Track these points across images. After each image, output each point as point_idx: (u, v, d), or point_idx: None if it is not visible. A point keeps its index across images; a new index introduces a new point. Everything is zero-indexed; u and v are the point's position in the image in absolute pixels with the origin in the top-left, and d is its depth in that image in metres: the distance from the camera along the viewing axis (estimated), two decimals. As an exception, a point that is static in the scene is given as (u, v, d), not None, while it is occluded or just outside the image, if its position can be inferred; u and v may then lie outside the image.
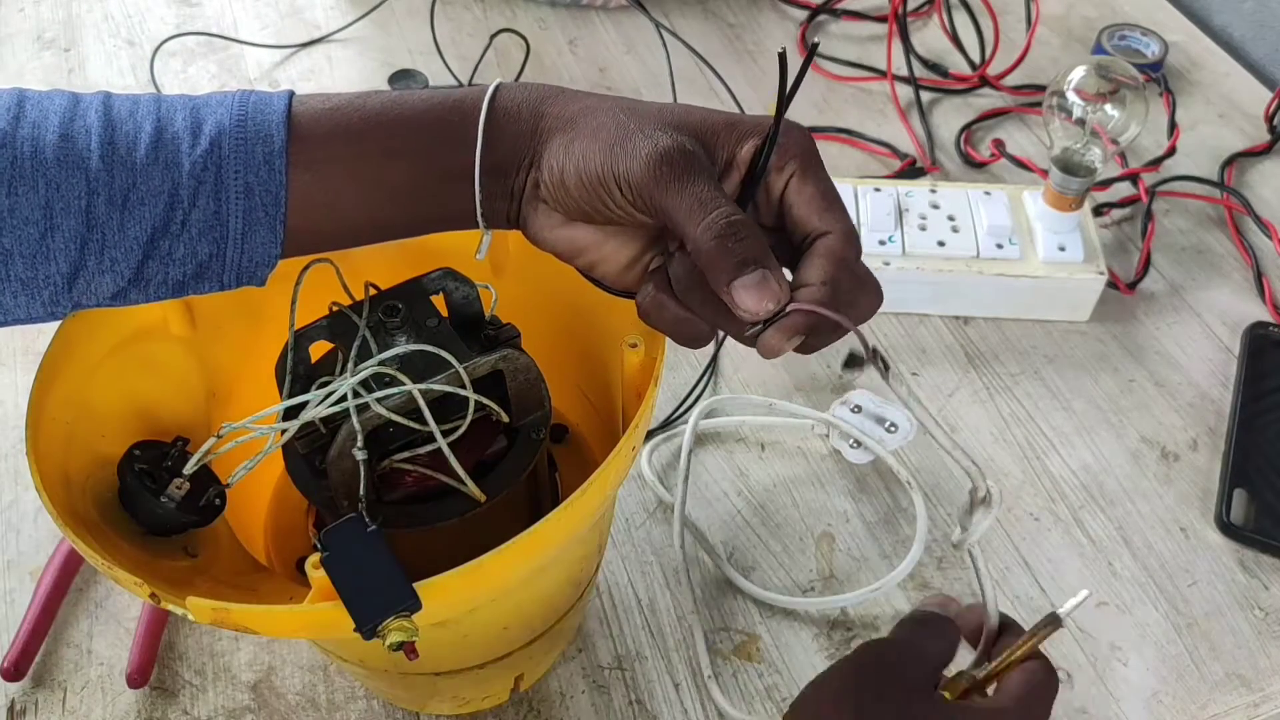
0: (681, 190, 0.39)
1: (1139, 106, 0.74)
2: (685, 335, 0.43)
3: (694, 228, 0.39)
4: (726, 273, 0.38)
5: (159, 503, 0.48)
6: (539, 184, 0.43)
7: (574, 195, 0.42)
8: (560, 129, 0.42)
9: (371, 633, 0.39)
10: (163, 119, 0.42)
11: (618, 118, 0.41)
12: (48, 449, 0.46)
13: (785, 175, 0.42)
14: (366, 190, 0.43)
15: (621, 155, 0.40)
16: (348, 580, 0.40)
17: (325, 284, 0.50)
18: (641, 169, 0.40)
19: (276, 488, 0.61)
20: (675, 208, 0.39)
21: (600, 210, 0.42)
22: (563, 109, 0.43)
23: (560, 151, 0.42)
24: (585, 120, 0.42)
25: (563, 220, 0.44)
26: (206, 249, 0.43)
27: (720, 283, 0.39)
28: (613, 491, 0.47)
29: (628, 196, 0.40)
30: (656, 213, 0.40)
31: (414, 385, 0.46)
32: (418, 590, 0.40)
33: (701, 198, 0.39)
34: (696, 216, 0.39)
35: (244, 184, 0.42)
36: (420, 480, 0.49)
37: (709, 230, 0.38)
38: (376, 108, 0.44)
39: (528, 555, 0.43)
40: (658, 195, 0.39)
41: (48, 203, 0.41)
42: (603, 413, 0.59)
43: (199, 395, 0.55)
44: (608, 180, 0.40)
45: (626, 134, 0.41)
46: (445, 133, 0.43)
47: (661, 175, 0.39)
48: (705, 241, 0.38)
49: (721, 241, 0.38)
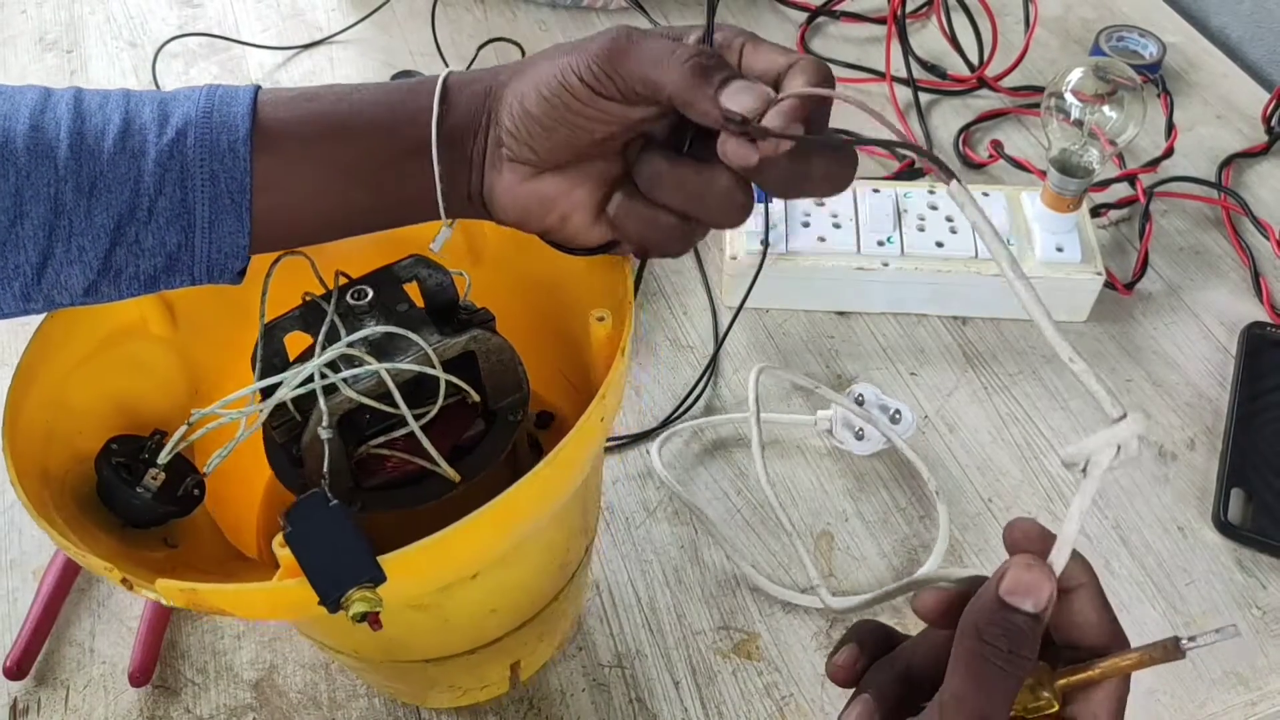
0: (643, 48, 0.41)
1: (1137, 107, 0.74)
2: (659, 233, 0.44)
3: (666, 69, 0.40)
4: (710, 87, 0.39)
5: (135, 493, 0.48)
6: (500, 139, 0.44)
7: (537, 116, 0.42)
8: (513, 78, 0.44)
9: (335, 605, 0.39)
10: (131, 111, 0.43)
11: (565, 45, 0.43)
12: (25, 447, 0.47)
13: (736, 48, 0.43)
14: (327, 172, 0.44)
15: (577, 53, 0.41)
16: (310, 554, 0.40)
17: (305, 280, 0.51)
18: (600, 47, 0.41)
19: (268, 485, 0.61)
20: (641, 63, 0.40)
21: (565, 118, 0.42)
22: (513, 66, 0.45)
23: (516, 89, 0.43)
24: (536, 57, 0.44)
25: (528, 174, 0.44)
26: (175, 238, 0.43)
27: (707, 99, 0.39)
28: (584, 462, 0.47)
29: (590, 83, 0.41)
30: (624, 81, 0.41)
31: (380, 365, 0.46)
32: (383, 564, 0.40)
33: (664, 46, 0.41)
34: (665, 58, 0.40)
35: (209, 171, 0.43)
36: (399, 465, 0.49)
37: (680, 62, 0.40)
38: (338, 94, 0.45)
39: (495, 527, 0.43)
40: (620, 62, 0.40)
41: (18, 190, 0.41)
42: (586, 397, 0.59)
43: (181, 392, 0.56)
44: (569, 79, 0.41)
45: (577, 44, 0.42)
46: (401, 111, 0.44)
47: (620, 44, 0.41)
48: (683, 73, 0.40)
49: (697, 64, 0.40)
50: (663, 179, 0.42)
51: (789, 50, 0.42)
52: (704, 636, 0.64)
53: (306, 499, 0.42)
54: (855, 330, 0.80)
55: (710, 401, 0.75)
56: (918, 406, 0.75)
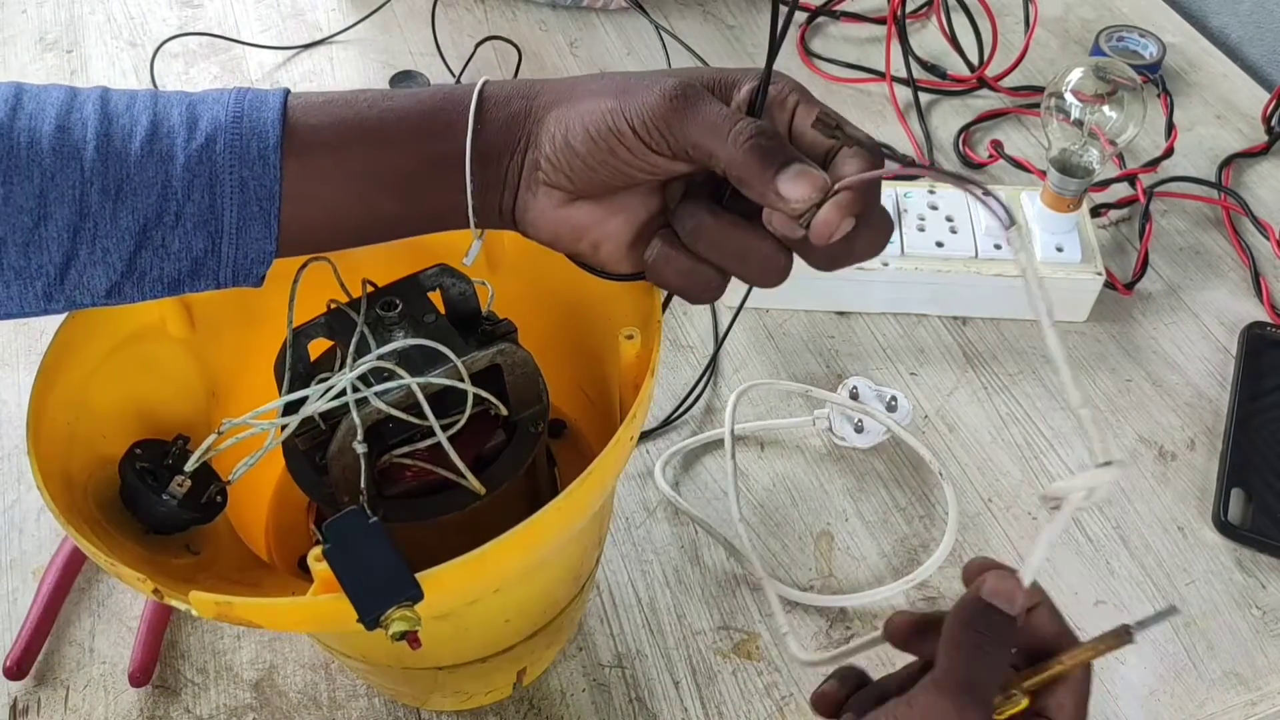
0: (701, 114, 0.40)
1: (1137, 108, 0.74)
2: (697, 285, 0.43)
3: (723, 142, 0.40)
4: (769, 170, 0.39)
5: (161, 500, 0.48)
6: (538, 163, 0.43)
7: (581, 154, 0.42)
8: (555, 103, 0.43)
9: (374, 623, 0.39)
10: (159, 114, 0.43)
11: (614, 79, 0.43)
12: (49, 449, 0.46)
13: (789, 107, 0.42)
14: (357, 182, 0.44)
15: (631, 100, 0.41)
16: (350, 571, 0.40)
17: (323, 283, 0.50)
18: (656, 101, 0.40)
19: (277, 486, 0.61)
20: (699, 130, 0.40)
21: (609, 162, 0.42)
22: (555, 89, 0.44)
23: (562, 120, 0.42)
24: (581, 87, 0.43)
25: (563, 200, 0.44)
26: (201, 243, 0.43)
27: (765, 180, 0.39)
28: (611, 482, 0.48)
29: (642, 135, 0.41)
30: (677, 142, 0.40)
31: (413, 379, 0.46)
32: (419, 581, 0.40)
33: (723, 114, 0.40)
34: (723, 131, 0.40)
35: (238, 178, 0.42)
36: (420, 475, 0.49)
37: (739, 139, 0.39)
38: (368, 102, 0.44)
39: (528, 546, 0.43)
40: (677, 123, 0.40)
41: (42, 192, 0.41)
42: (600, 407, 0.59)
43: (199, 395, 0.56)
44: (619, 125, 0.41)
45: (629, 85, 0.42)
46: (435, 122, 0.44)
47: (677, 105, 0.40)
48: (739, 149, 0.39)
49: (755, 145, 0.39)
50: (706, 234, 0.42)
51: (841, 118, 0.42)
52: (704, 636, 0.64)
53: (345, 515, 0.42)
54: (855, 330, 0.80)
55: (710, 402, 0.75)
56: (918, 406, 0.75)
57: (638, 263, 0.45)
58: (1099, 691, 0.61)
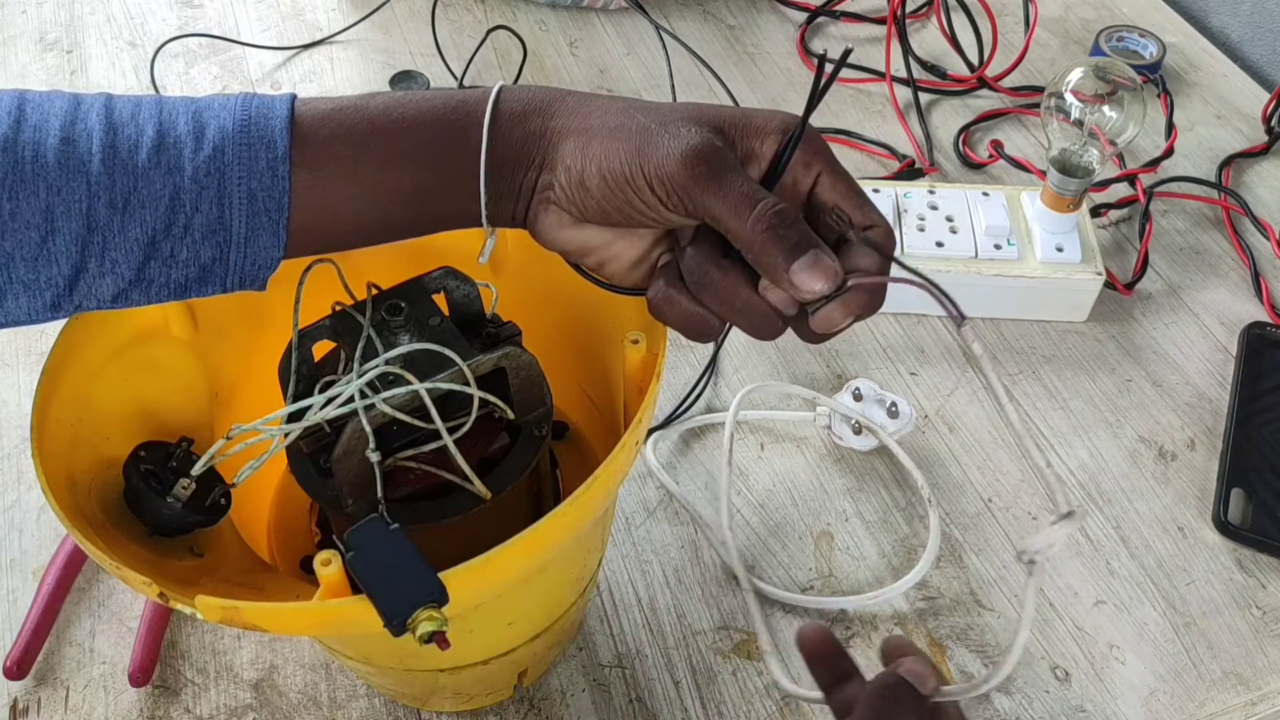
0: (721, 186, 0.40)
1: (1137, 108, 0.74)
2: (696, 330, 0.43)
3: (741, 221, 0.39)
4: (784, 258, 0.39)
5: (165, 503, 0.48)
6: (551, 186, 0.43)
7: (595, 196, 0.41)
8: (573, 132, 0.42)
9: (402, 627, 0.39)
10: (165, 123, 0.42)
11: (635, 118, 0.42)
12: (52, 450, 0.46)
13: (813, 172, 0.42)
14: (370, 193, 0.43)
15: (651, 154, 0.40)
16: (375, 577, 0.40)
17: (327, 284, 0.50)
18: (677, 167, 0.40)
19: (279, 487, 0.61)
20: (718, 204, 0.40)
21: (623, 209, 0.42)
22: (572, 111, 0.43)
23: (577, 153, 0.42)
24: (599, 121, 0.42)
25: (573, 221, 0.43)
26: (209, 252, 0.43)
27: (779, 268, 0.39)
28: (616, 486, 0.48)
29: (659, 195, 0.40)
30: (694, 210, 0.40)
31: (420, 384, 0.46)
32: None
33: (743, 191, 0.40)
34: (744, 210, 0.39)
35: (247, 189, 0.42)
36: (423, 478, 0.49)
37: (759, 221, 0.39)
38: (379, 109, 0.44)
39: (535, 549, 0.43)
40: (696, 193, 0.40)
41: (49, 206, 0.41)
42: (603, 409, 0.59)
43: (202, 396, 0.56)
44: (637, 180, 0.40)
45: (650, 133, 0.41)
46: (449, 134, 0.43)
47: (699, 173, 0.40)
48: (756, 233, 0.39)
49: (773, 230, 0.39)
50: (710, 285, 0.42)
51: (862, 197, 0.43)
52: (704, 636, 0.64)
53: (366, 523, 0.42)
54: (855, 330, 0.79)
55: (710, 402, 0.75)
56: (918, 407, 0.75)
57: (641, 280, 0.45)
58: (1099, 692, 0.62)
